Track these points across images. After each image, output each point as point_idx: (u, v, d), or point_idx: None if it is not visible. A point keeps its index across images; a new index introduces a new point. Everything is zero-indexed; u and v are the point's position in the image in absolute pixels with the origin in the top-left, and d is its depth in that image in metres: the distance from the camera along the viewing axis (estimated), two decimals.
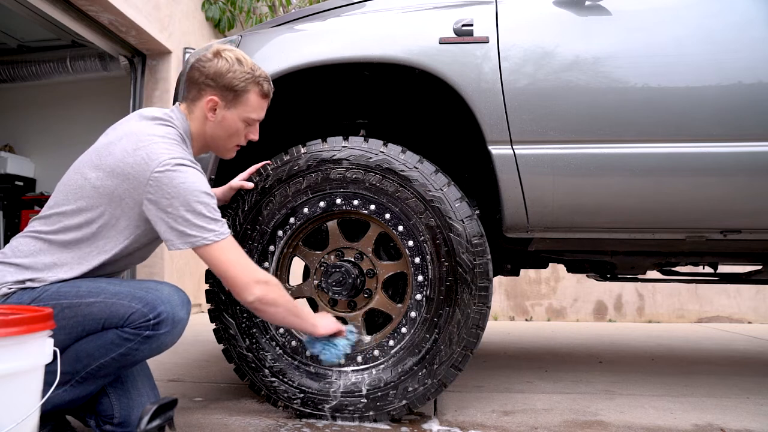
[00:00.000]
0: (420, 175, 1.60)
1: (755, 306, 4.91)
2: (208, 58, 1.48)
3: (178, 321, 1.34)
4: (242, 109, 1.50)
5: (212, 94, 1.47)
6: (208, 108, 1.48)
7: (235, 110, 1.49)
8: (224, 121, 1.50)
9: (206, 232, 1.34)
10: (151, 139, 1.38)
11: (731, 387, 2.19)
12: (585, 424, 1.66)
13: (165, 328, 1.32)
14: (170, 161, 1.34)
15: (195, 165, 1.39)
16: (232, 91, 1.47)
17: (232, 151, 1.58)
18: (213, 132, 1.51)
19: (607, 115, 1.59)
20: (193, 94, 1.50)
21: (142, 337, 1.31)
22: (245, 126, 1.53)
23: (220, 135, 1.52)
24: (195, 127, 1.51)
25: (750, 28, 1.58)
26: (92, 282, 1.37)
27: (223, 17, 5.31)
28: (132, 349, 1.32)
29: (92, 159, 1.41)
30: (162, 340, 1.33)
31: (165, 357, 2.72)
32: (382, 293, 1.69)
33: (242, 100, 1.49)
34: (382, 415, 1.60)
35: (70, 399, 1.36)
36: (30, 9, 3.48)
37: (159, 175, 1.32)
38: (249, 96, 1.49)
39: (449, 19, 1.66)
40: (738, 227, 1.63)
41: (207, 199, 1.36)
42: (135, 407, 1.42)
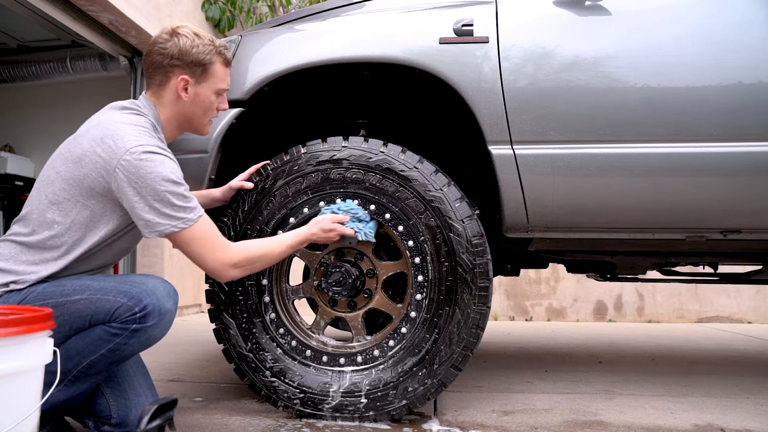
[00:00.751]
0: (420, 175, 1.60)
1: (755, 306, 4.91)
2: (166, 39, 1.46)
3: (164, 312, 1.33)
4: (212, 81, 1.49)
5: (182, 73, 1.46)
6: (180, 88, 1.46)
7: (205, 84, 1.49)
8: (197, 97, 1.49)
9: (174, 220, 1.33)
10: (118, 126, 1.37)
11: (731, 387, 2.19)
12: (585, 424, 1.66)
13: (152, 320, 1.31)
14: (137, 149, 1.32)
15: (165, 152, 1.38)
16: (200, 66, 1.46)
17: (207, 126, 1.57)
18: (188, 110, 1.50)
19: (607, 115, 1.59)
20: (160, 78, 1.48)
21: (130, 331, 1.30)
22: (216, 97, 1.52)
23: (196, 112, 1.51)
24: (166, 112, 1.49)
25: (750, 28, 1.58)
26: (77, 279, 1.37)
27: (223, 17, 5.31)
28: (121, 344, 1.31)
29: (62, 153, 1.41)
30: (150, 332, 1.32)
31: (165, 357, 2.72)
32: (382, 293, 1.69)
33: (210, 72, 1.48)
34: (382, 415, 1.60)
35: (65, 398, 1.36)
36: (30, 9, 3.48)
37: (126, 163, 1.31)
38: (215, 67, 1.49)
39: (449, 19, 1.66)
40: (738, 227, 1.63)
41: (174, 188, 1.34)
42: (132, 407, 1.41)
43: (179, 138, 1.75)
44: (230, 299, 1.69)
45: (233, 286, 1.69)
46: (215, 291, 1.70)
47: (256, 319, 1.68)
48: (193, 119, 1.52)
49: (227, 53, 1.53)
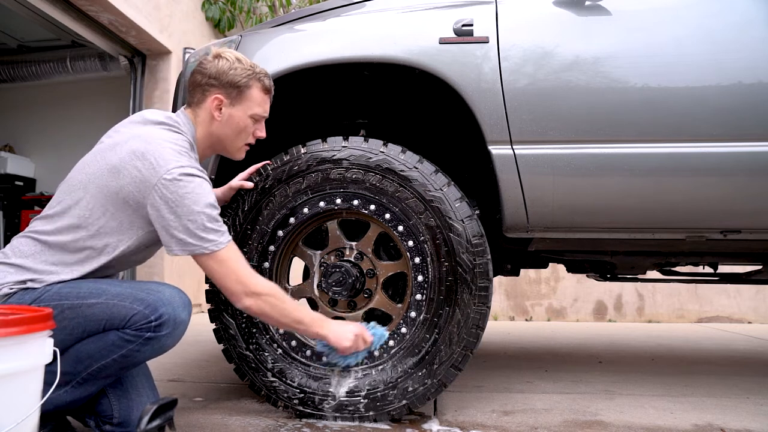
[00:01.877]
0: (420, 175, 1.60)
1: (755, 306, 4.91)
2: (209, 60, 1.50)
3: (179, 323, 1.35)
4: (247, 104, 1.51)
5: (217, 93, 1.49)
6: (213, 107, 1.50)
7: (240, 106, 1.51)
8: (231, 119, 1.51)
9: (205, 242, 1.35)
10: (159, 144, 1.38)
11: (731, 387, 2.19)
12: (585, 424, 1.66)
13: (166, 329, 1.32)
14: (178, 169, 1.34)
15: (202, 174, 1.40)
16: (236, 88, 1.49)
17: (242, 151, 1.58)
18: (221, 131, 1.53)
19: (607, 115, 1.59)
20: (198, 96, 1.51)
21: (144, 339, 1.31)
22: (252, 123, 1.54)
23: (229, 134, 1.53)
24: (201, 130, 1.53)
25: (750, 28, 1.58)
26: (93, 283, 1.37)
27: (223, 17, 5.31)
28: (133, 351, 1.32)
29: (97, 159, 1.41)
30: (163, 341, 1.34)
31: (165, 357, 2.72)
32: (382, 293, 1.69)
33: (246, 95, 1.51)
34: (382, 415, 1.60)
35: (71, 400, 1.36)
36: (30, 9, 3.48)
37: (167, 182, 1.33)
38: (252, 91, 1.51)
39: (449, 19, 1.66)
40: (738, 227, 1.63)
41: (210, 210, 1.36)
42: (134, 407, 1.42)
43: None
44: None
45: None
46: (215, 291, 1.70)
47: (256, 319, 1.68)
48: (225, 141, 1.54)
49: (267, 81, 1.54)
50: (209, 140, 1.54)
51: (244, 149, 1.59)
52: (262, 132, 1.58)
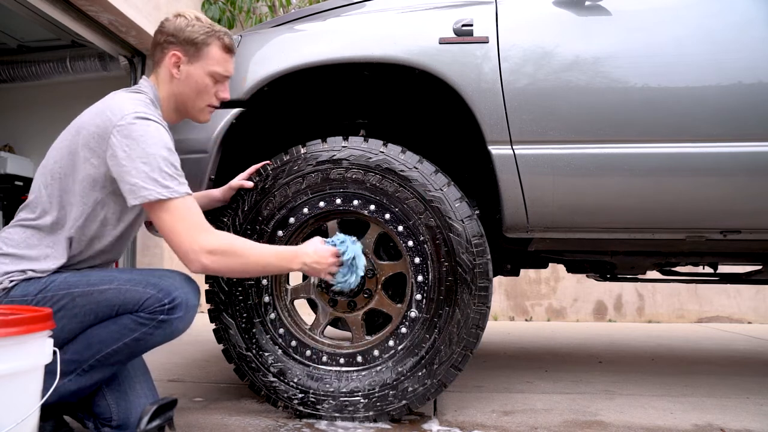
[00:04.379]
0: (420, 175, 1.60)
1: (755, 306, 4.91)
2: (168, 19, 1.51)
3: (191, 306, 1.36)
4: (205, 62, 1.48)
5: (174, 50, 1.47)
6: (171, 64, 1.47)
7: (198, 64, 1.48)
8: (189, 77, 1.48)
9: (159, 186, 1.30)
10: (115, 100, 1.40)
11: (731, 387, 2.19)
12: (585, 424, 1.66)
13: (179, 312, 1.33)
14: (133, 114, 1.33)
15: (160, 121, 1.39)
16: (193, 45, 1.47)
17: (205, 113, 1.54)
18: (181, 91, 1.50)
19: (607, 115, 1.59)
20: (158, 55, 1.50)
21: (157, 322, 1.32)
22: (213, 82, 1.50)
23: (189, 93, 1.50)
24: (163, 90, 1.50)
25: (750, 28, 1.58)
26: (102, 271, 1.39)
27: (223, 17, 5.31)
28: (146, 334, 1.33)
29: (64, 134, 1.44)
30: (176, 325, 1.34)
31: (165, 357, 2.72)
32: (382, 293, 1.69)
33: (204, 53, 1.48)
34: (382, 415, 1.60)
35: (75, 389, 1.36)
36: (30, 9, 3.48)
37: (121, 127, 1.32)
38: (210, 49, 1.48)
39: (449, 19, 1.66)
40: (738, 227, 1.63)
41: (166, 153, 1.34)
42: (133, 409, 1.41)
43: (179, 138, 1.75)
44: (230, 299, 1.69)
45: (233, 287, 1.68)
46: (215, 291, 1.70)
47: (256, 319, 1.68)
48: (186, 101, 1.51)
49: (227, 39, 1.51)
50: (172, 102, 1.51)
51: (208, 111, 1.54)
52: (225, 93, 1.54)
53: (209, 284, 1.72)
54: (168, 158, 1.34)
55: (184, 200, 1.34)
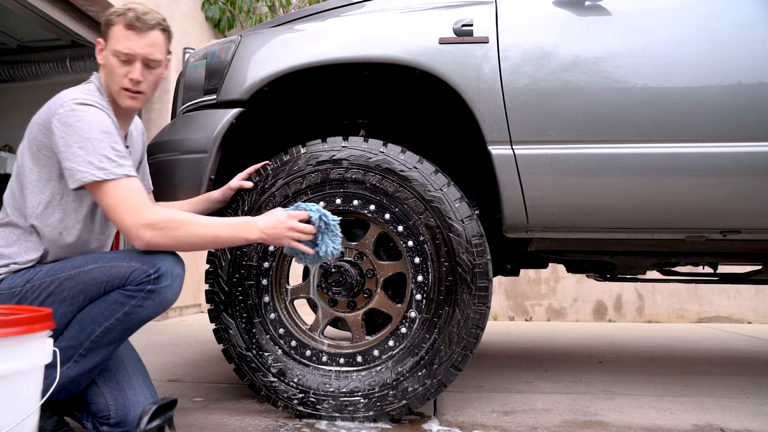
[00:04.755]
0: (420, 175, 1.60)
1: (755, 306, 4.90)
2: None
3: (177, 275, 1.38)
4: (110, 42, 1.46)
5: (99, 37, 1.51)
6: (97, 52, 1.50)
7: (108, 46, 1.47)
8: (106, 61, 1.48)
9: (94, 168, 1.33)
10: (61, 92, 1.44)
11: (731, 387, 2.19)
12: (585, 424, 1.66)
13: (166, 281, 1.35)
14: (72, 101, 1.37)
15: (100, 106, 1.41)
16: (105, 27, 1.48)
17: (122, 96, 1.48)
18: (104, 75, 1.50)
19: (606, 115, 1.59)
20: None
21: (145, 292, 1.34)
22: (121, 63, 1.46)
23: (107, 77, 1.49)
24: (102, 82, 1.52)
25: (750, 28, 1.58)
26: (86, 255, 1.42)
27: (223, 17, 5.31)
28: (136, 306, 1.35)
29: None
30: (164, 294, 1.36)
31: (165, 357, 2.72)
32: (382, 293, 1.69)
33: (110, 33, 1.47)
34: (382, 415, 1.60)
35: (74, 375, 1.37)
36: (30, 9, 3.48)
37: (60, 114, 1.36)
38: (114, 28, 1.46)
39: (449, 19, 1.66)
40: (738, 227, 1.63)
41: (102, 137, 1.36)
42: (131, 407, 1.42)
43: (179, 138, 1.75)
44: (230, 299, 1.69)
45: (233, 287, 1.69)
46: (215, 291, 1.70)
47: (255, 319, 1.68)
48: (107, 86, 1.50)
49: (130, 15, 1.44)
50: (106, 90, 1.51)
51: (124, 95, 1.48)
52: (134, 74, 1.46)
53: (209, 284, 1.72)
54: (104, 141, 1.36)
55: (124, 181, 1.36)
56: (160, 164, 1.78)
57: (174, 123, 1.87)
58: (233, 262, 1.68)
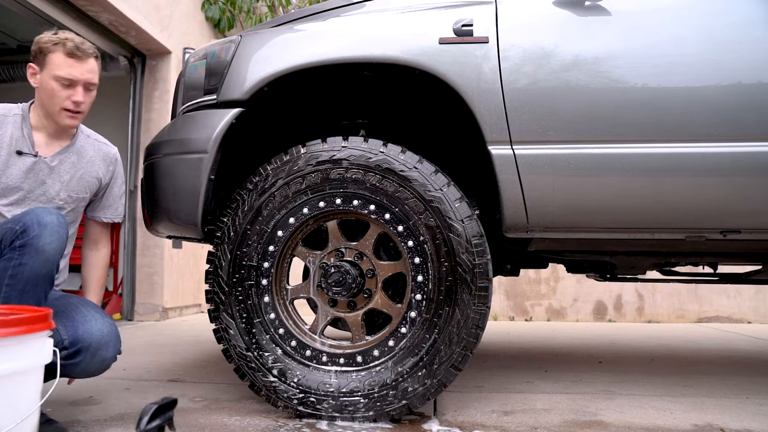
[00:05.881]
0: (420, 175, 1.60)
1: (755, 306, 4.90)
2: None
3: (45, 224, 1.42)
4: (50, 68, 1.62)
5: (31, 62, 1.66)
6: (30, 75, 1.66)
7: (45, 71, 1.63)
8: (42, 84, 1.65)
9: None
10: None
11: (731, 387, 2.19)
12: (585, 424, 1.66)
13: (33, 231, 1.40)
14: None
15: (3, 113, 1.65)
16: (40, 54, 1.63)
17: (62, 116, 1.66)
18: (40, 98, 1.66)
19: (606, 115, 1.59)
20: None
21: (18, 249, 1.39)
22: (62, 87, 1.63)
23: (44, 99, 1.66)
24: (36, 102, 1.69)
25: (750, 28, 1.58)
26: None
27: (223, 17, 5.31)
28: (17, 266, 1.39)
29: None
30: (35, 244, 1.40)
31: (165, 357, 2.72)
32: (382, 293, 1.69)
33: (48, 59, 1.62)
34: (382, 415, 1.60)
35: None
36: (30, 9, 3.48)
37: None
38: (53, 55, 1.62)
39: (449, 19, 1.66)
40: (738, 227, 1.63)
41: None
42: (79, 325, 1.49)
43: (179, 138, 1.76)
44: (230, 299, 1.69)
45: (233, 287, 1.69)
46: (215, 291, 1.70)
47: (255, 319, 1.68)
48: (45, 107, 1.66)
49: (69, 44, 1.62)
50: (40, 108, 1.68)
51: (66, 115, 1.66)
52: (77, 96, 1.65)
53: (209, 284, 1.72)
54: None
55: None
56: (160, 164, 1.79)
57: (174, 123, 1.87)
58: (233, 263, 1.68)
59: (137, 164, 4.32)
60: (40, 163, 1.66)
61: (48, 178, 1.68)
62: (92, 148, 1.81)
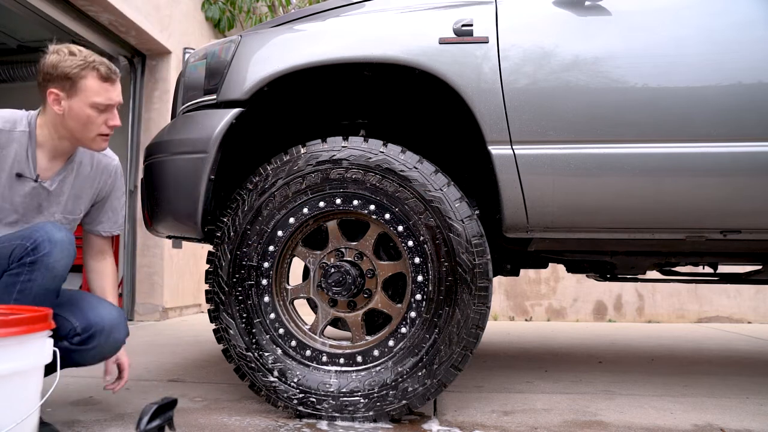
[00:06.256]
0: (420, 175, 1.60)
1: (755, 306, 4.90)
2: (44, 57, 1.53)
3: (56, 241, 1.41)
4: (84, 95, 1.51)
5: (52, 88, 1.51)
6: (51, 101, 1.51)
7: (77, 98, 1.51)
8: (71, 111, 1.52)
9: None
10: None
11: (731, 387, 2.19)
12: (585, 424, 1.66)
13: (44, 248, 1.39)
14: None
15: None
16: (68, 80, 1.50)
17: (97, 141, 1.57)
18: (68, 124, 1.53)
19: (606, 115, 1.59)
20: (42, 95, 1.54)
21: (28, 265, 1.38)
22: (98, 113, 1.53)
23: (75, 126, 1.53)
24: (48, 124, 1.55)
25: (750, 28, 1.58)
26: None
27: (222, 17, 5.31)
28: (26, 282, 1.38)
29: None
30: (45, 261, 1.39)
31: (165, 357, 2.72)
32: (382, 293, 1.69)
33: (80, 86, 1.51)
34: (382, 415, 1.60)
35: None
36: (30, 9, 3.48)
37: None
38: (86, 81, 1.51)
39: (449, 19, 1.66)
40: (738, 227, 1.63)
41: None
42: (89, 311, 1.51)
43: (179, 138, 1.76)
44: (230, 299, 1.69)
45: (233, 287, 1.69)
46: (215, 291, 1.70)
47: (255, 319, 1.68)
48: (74, 133, 1.55)
49: (103, 69, 1.53)
50: (57, 132, 1.55)
51: (100, 140, 1.57)
52: (114, 120, 1.56)
53: (209, 284, 1.72)
54: None
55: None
56: (160, 164, 1.79)
57: (174, 123, 1.87)
58: (233, 263, 1.68)
59: (137, 164, 4.32)
60: (38, 188, 1.58)
61: (45, 201, 1.61)
62: (91, 162, 1.71)
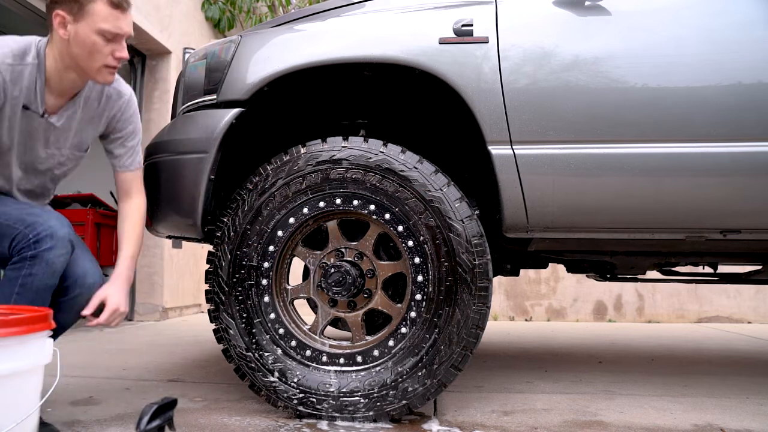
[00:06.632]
0: (420, 175, 1.60)
1: (755, 306, 4.91)
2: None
3: (57, 238, 1.40)
4: (91, 20, 1.43)
5: (58, 10, 1.44)
6: (57, 24, 1.44)
7: (84, 22, 1.43)
8: (77, 36, 1.44)
9: None
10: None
11: (731, 387, 2.19)
12: (585, 424, 1.66)
13: (46, 243, 1.38)
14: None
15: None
16: (76, 2, 1.43)
17: (102, 73, 1.50)
18: (72, 51, 1.46)
19: (606, 115, 1.59)
20: (49, 19, 1.47)
21: (29, 259, 1.37)
22: (105, 42, 1.45)
23: (80, 53, 1.46)
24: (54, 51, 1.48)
25: (750, 28, 1.58)
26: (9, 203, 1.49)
27: (222, 17, 5.31)
28: (27, 276, 1.37)
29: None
30: (47, 257, 1.38)
31: (165, 357, 2.72)
32: (382, 293, 1.69)
33: (88, 10, 1.43)
34: (382, 416, 1.60)
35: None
36: (30, 9, 3.48)
37: None
38: (95, 5, 1.43)
39: (449, 19, 1.66)
40: (738, 227, 1.63)
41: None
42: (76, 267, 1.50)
43: (179, 138, 1.75)
44: (230, 299, 1.69)
45: (233, 287, 1.69)
46: (215, 291, 1.70)
47: (255, 319, 1.68)
48: (78, 61, 1.47)
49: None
50: (63, 61, 1.48)
51: (106, 71, 1.50)
52: (122, 52, 1.49)
53: (209, 284, 1.72)
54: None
55: None
56: (161, 164, 1.79)
57: (174, 123, 1.87)
58: (233, 263, 1.68)
59: None
60: (45, 123, 1.50)
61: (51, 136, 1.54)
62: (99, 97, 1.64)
